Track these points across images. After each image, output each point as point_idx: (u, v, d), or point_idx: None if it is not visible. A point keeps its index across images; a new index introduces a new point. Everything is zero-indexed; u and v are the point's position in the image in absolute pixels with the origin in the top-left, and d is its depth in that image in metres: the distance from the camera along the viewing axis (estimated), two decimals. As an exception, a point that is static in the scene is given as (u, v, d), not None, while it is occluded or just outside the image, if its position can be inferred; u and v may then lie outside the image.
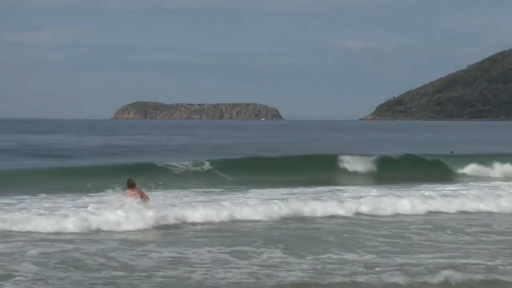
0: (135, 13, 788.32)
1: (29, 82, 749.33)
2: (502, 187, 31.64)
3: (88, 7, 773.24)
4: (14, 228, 20.33)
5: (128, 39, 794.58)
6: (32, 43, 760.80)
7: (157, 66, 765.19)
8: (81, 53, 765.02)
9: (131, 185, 24.02)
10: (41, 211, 22.66)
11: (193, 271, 15.07)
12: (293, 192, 29.18)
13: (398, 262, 15.75)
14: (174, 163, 37.51)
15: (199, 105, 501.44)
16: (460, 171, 41.23)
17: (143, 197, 23.88)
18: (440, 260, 15.94)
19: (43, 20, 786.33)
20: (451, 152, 45.98)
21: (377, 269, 15.05)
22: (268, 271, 15.03)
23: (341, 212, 24.27)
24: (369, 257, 16.40)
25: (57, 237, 19.63)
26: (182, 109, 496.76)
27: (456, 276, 14.10)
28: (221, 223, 22.54)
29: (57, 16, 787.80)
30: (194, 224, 22.28)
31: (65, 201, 25.73)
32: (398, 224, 22.10)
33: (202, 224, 22.34)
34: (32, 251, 17.14)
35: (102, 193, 26.03)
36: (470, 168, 41.20)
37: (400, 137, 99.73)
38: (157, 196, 24.70)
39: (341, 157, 41.42)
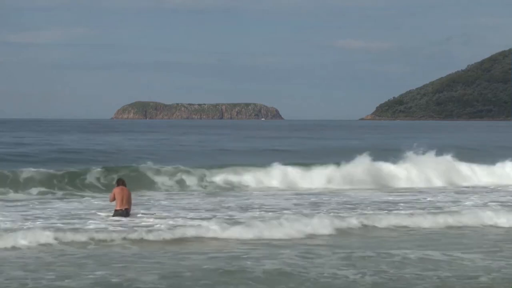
0: (135, 13, 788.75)
1: (29, 82, 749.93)
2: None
3: (88, 7, 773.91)
4: None
5: (128, 39, 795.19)
6: (32, 43, 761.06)
7: (157, 66, 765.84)
8: (81, 53, 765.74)
9: (120, 184, 23.85)
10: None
11: None
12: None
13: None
14: None
15: (199, 105, 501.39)
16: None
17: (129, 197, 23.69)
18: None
19: (43, 20, 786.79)
20: None
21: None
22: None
23: None
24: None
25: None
26: (182, 109, 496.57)
27: None
28: None
29: (57, 16, 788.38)
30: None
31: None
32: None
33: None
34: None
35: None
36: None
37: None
38: None
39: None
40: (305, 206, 28.27)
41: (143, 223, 22.64)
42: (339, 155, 42.36)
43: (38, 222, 22.84)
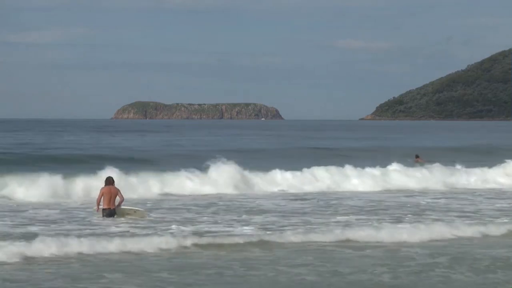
0: (135, 13, 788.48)
1: (29, 82, 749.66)
2: None
3: (88, 7, 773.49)
4: None
5: (128, 39, 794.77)
6: (32, 43, 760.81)
7: (157, 66, 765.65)
8: (80, 53, 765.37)
9: (108, 183, 23.82)
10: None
11: None
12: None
13: None
14: None
15: (199, 105, 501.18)
16: None
17: (119, 195, 23.63)
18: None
19: (43, 20, 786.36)
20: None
21: None
22: None
23: None
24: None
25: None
26: (182, 109, 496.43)
27: None
28: None
29: (57, 16, 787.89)
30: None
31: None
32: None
33: None
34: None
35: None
36: None
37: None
38: None
39: None
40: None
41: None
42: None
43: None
